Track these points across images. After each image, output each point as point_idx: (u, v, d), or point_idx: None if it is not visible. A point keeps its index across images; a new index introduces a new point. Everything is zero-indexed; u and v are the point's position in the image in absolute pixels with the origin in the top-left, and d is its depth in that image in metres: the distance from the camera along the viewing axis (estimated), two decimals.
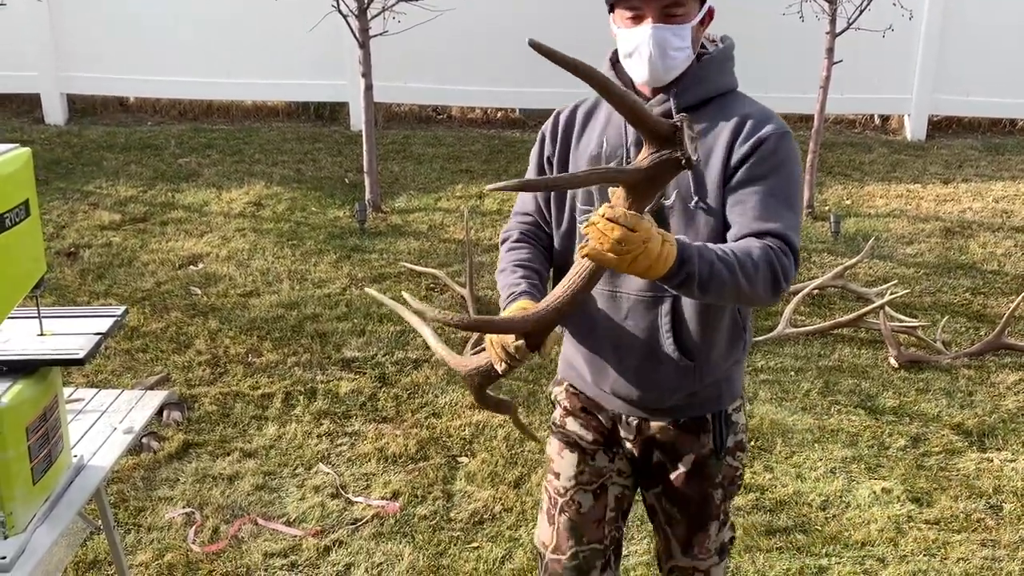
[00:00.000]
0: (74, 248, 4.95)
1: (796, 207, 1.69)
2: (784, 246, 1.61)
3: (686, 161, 1.32)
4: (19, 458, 1.68)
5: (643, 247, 1.38)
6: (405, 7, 5.44)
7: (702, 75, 1.75)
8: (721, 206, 1.69)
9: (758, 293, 1.57)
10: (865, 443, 3.52)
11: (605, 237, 1.36)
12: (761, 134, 1.68)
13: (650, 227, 1.39)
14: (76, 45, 6.91)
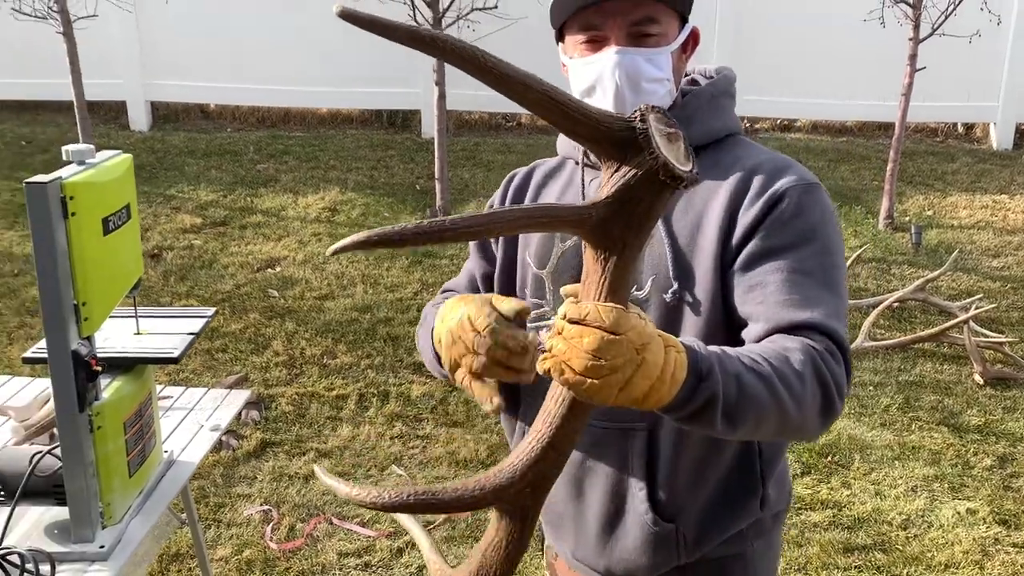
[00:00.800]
0: (158, 250, 5.12)
1: (839, 286, 1.18)
2: (831, 344, 1.11)
3: (664, 169, 0.81)
4: (117, 451, 1.74)
5: (637, 360, 0.85)
6: (479, 16, 5.49)
7: (688, 115, 1.27)
8: (719, 298, 1.20)
9: (807, 418, 1.06)
10: (948, 462, 3.41)
11: (574, 351, 0.85)
12: (777, 188, 1.19)
13: (644, 324, 0.87)
14: (161, 54, 7.16)
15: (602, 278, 0.86)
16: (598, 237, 0.85)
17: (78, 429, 1.65)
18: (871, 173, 6.43)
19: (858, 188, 6.21)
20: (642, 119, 0.81)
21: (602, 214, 0.83)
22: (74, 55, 5.36)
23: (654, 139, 0.81)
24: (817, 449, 3.44)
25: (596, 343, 0.84)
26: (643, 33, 1.22)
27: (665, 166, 0.80)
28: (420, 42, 0.75)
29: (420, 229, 0.76)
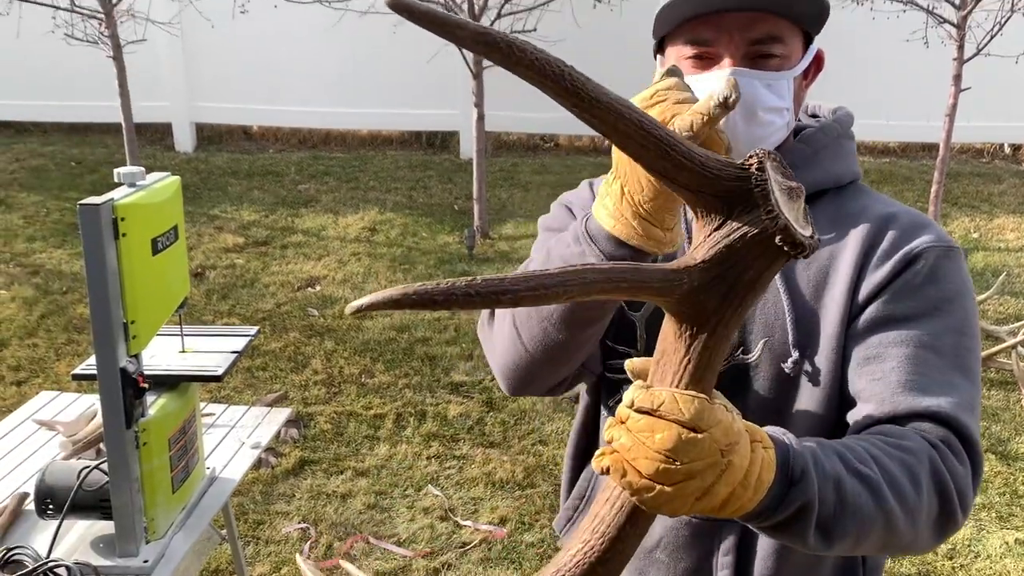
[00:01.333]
0: (201, 269, 5.20)
1: (973, 372, 1.00)
2: (956, 443, 0.93)
3: (783, 233, 0.65)
4: (161, 467, 1.77)
5: (721, 465, 0.71)
6: (518, 38, 5.54)
7: (809, 155, 1.11)
8: (842, 369, 1.03)
9: (919, 534, 0.89)
10: (996, 490, 3.32)
11: (642, 449, 0.70)
12: (913, 247, 1.03)
13: (731, 420, 0.73)
14: (205, 77, 7.32)
15: (685, 359, 0.71)
16: (687, 309, 0.68)
17: (125, 445, 1.68)
18: (915, 194, 6.34)
19: None
20: (759, 167, 0.66)
21: (696, 281, 0.67)
22: (123, 79, 5.51)
23: (773, 194, 0.65)
24: None
25: (672, 441, 0.69)
26: (763, 53, 1.03)
27: (785, 229, 0.65)
28: (489, 46, 0.59)
29: (472, 289, 0.60)
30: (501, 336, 1.10)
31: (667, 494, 0.70)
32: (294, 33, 6.95)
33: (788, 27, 1.05)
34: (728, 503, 0.74)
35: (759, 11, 1.02)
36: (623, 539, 0.72)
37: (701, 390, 0.72)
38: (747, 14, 1.03)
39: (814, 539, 0.83)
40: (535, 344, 1.05)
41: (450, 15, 0.59)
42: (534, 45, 0.61)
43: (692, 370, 0.71)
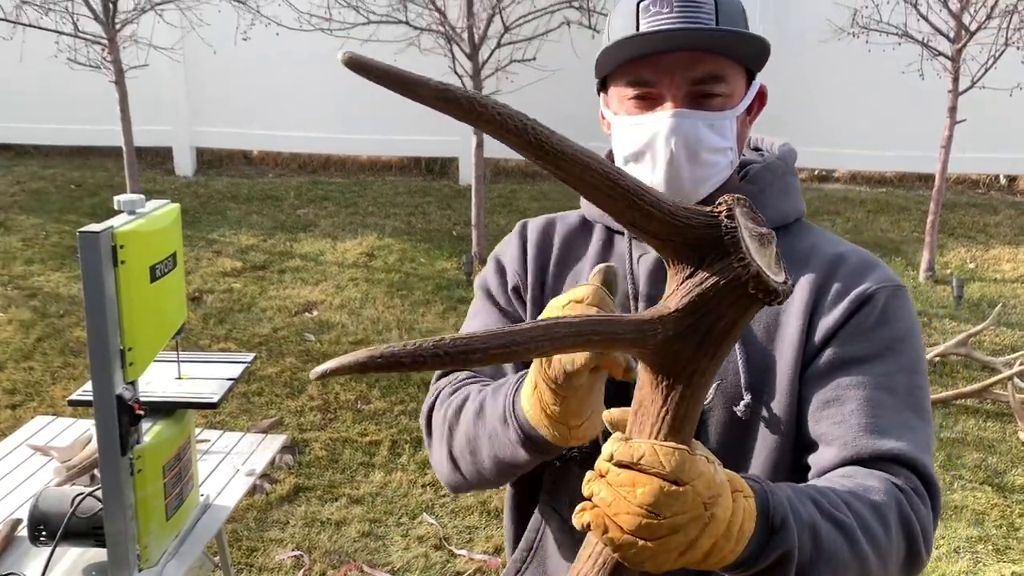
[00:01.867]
0: (198, 293, 5.21)
1: (927, 411, 1.02)
2: (918, 484, 0.96)
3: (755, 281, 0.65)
4: (155, 495, 1.77)
5: (704, 518, 0.71)
6: (517, 67, 5.59)
7: (755, 194, 1.10)
8: (797, 411, 1.02)
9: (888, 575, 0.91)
10: (992, 523, 3.31)
11: (623, 504, 0.69)
12: (865, 288, 1.04)
13: (713, 471, 0.72)
14: (207, 102, 7.37)
15: (663, 410, 0.69)
16: (662, 359, 0.68)
17: (119, 472, 1.68)
18: (911, 224, 6.37)
19: (898, 240, 6.15)
20: (729, 214, 0.65)
21: (670, 331, 0.66)
22: (125, 103, 5.54)
23: (744, 241, 0.65)
24: None
25: (653, 495, 0.68)
26: (705, 93, 1.04)
27: (757, 276, 0.64)
28: (450, 103, 0.60)
29: (440, 349, 0.58)
30: (439, 455, 1.12)
31: (650, 549, 0.69)
32: (295, 59, 7.00)
33: (730, 66, 1.06)
34: (711, 555, 0.72)
35: (700, 51, 1.03)
36: None
37: (681, 441, 0.70)
38: (688, 54, 1.03)
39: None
40: (471, 476, 1.08)
41: (408, 73, 0.58)
42: (495, 100, 0.61)
43: (671, 421, 0.70)
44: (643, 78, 1.05)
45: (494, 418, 1.01)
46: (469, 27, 5.39)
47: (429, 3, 5.43)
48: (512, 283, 1.19)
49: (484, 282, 1.22)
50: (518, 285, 1.18)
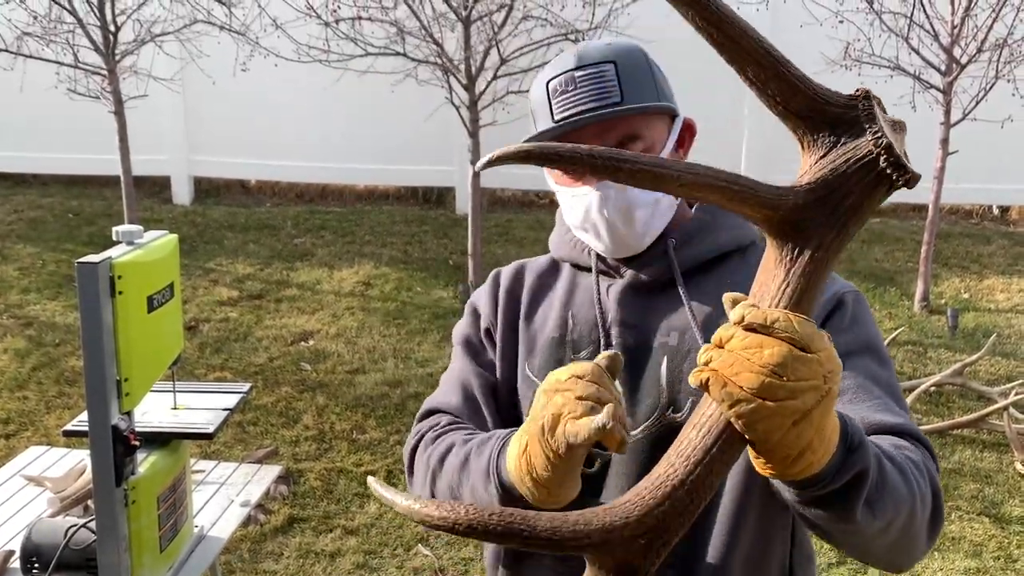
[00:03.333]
0: (194, 322, 5.21)
1: (904, 402, 1.10)
2: (927, 453, 1.01)
3: (888, 153, 0.67)
4: (150, 526, 1.76)
5: (823, 390, 0.70)
6: (513, 98, 5.64)
7: (709, 221, 1.18)
8: None
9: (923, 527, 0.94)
10: (990, 554, 3.30)
11: (746, 364, 0.69)
12: (835, 292, 1.12)
13: (833, 349, 0.72)
14: (205, 132, 7.41)
15: (784, 283, 0.69)
16: (789, 230, 0.69)
17: (114, 503, 1.68)
18: (905, 255, 6.41)
19: (892, 270, 6.18)
20: (866, 96, 0.70)
21: (800, 201, 0.68)
22: (124, 133, 5.58)
23: (879, 119, 0.68)
24: None
25: (781, 356, 0.68)
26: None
27: (889, 148, 0.67)
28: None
29: (595, 154, 0.63)
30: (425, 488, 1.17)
31: (768, 409, 0.68)
32: (294, 90, 7.06)
33: (643, 119, 1.13)
34: (804, 455, 0.73)
35: (607, 120, 1.10)
36: (708, 463, 0.69)
37: (803, 315, 0.71)
38: (598, 125, 1.11)
39: (861, 514, 0.84)
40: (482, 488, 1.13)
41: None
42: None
43: (791, 294, 0.70)
44: None
45: (477, 472, 1.06)
46: (466, 59, 5.45)
47: (427, 36, 5.49)
48: (484, 326, 1.26)
49: (461, 331, 1.29)
50: (489, 327, 1.26)
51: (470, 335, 1.27)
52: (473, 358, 1.26)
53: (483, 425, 1.20)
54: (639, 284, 1.17)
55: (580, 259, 1.24)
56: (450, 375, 1.27)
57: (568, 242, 1.25)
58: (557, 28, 5.67)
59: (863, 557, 0.98)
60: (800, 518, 0.91)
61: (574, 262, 1.26)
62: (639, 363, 1.13)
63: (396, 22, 5.61)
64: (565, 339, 1.18)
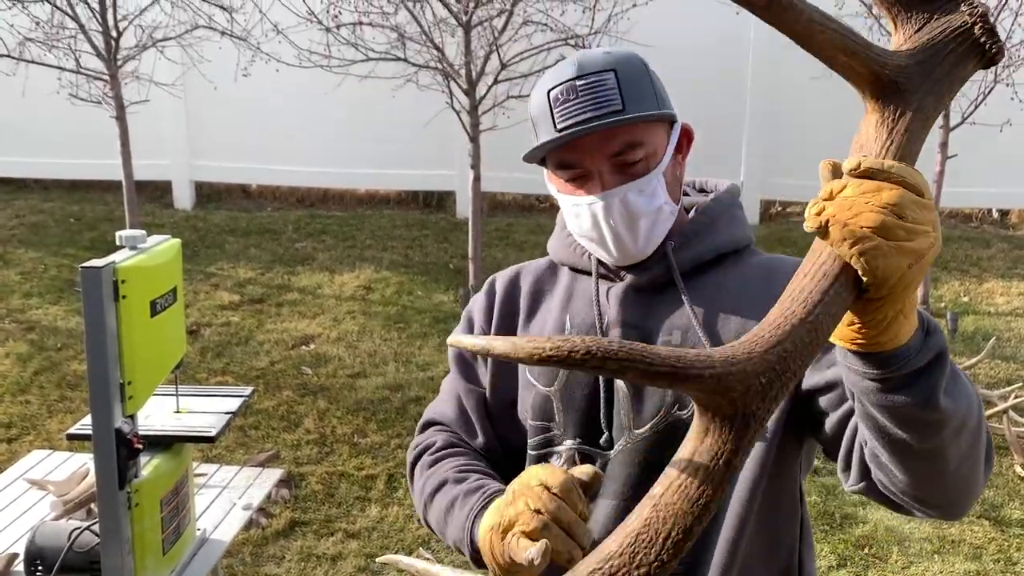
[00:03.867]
0: (196, 327, 5.22)
1: None
2: None
3: (983, 21, 0.71)
4: (153, 529, 1.77)
5: (932, 238, 0.73)
6: (514, 103, 5.66)
7: (707, 223, 1.21)
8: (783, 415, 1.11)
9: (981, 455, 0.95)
10: (990, 556, 3.30)
11: (865, 206, 0.70)
12: None
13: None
14: (206, 137, 7.44)
15: (887, 141, 0.72)
16: (892, 91, 0.71)
17: (117, 506, 1.69)
18: None
19: None
20: None
21: (903, 63, 0.71)
22: (125, 138, 5.60)
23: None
24: (853, 541, 3.36)
25: (899, 198, 0.70)
26: (627, 161, 1.13)
27: (984, 16, 0.71)
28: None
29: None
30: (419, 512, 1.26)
31: (888, 247, 0.69)
32: (295, 95, 7.08)
33: (644, 127, 1.14)
34: (899, 318, 0.75)
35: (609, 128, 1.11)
36: (826, 302, 0.69)
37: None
38: (601, 134, 1.12)
39: (943, 396, 0.84)
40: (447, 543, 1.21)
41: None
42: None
43: (894, 151, 0.72)
44: (567, 161, 1.15)
45: (456, 526, 1.14)
46: (467, 64, 5.46)
47: (427, 41, 5.51)
48: (478, 333, 1.28)
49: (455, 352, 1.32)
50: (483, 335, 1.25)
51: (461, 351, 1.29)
52: (464, 374, 1.30)
53: (471, 437, 1.28)
54: (640, 285, 1.19)
55: (579, 263, 1.26)
56: (447, 385, 1.34)
57: (567, 246, 1.27)
58: (557, 33, 5.69)
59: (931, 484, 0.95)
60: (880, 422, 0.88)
61: (573, 266, 1.27)
62: None
63: (397, 27, 5.63)
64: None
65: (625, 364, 0.60)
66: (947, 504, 0.98)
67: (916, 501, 0.97)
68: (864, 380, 0.84)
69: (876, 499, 1.04)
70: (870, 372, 0.83)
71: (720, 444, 0.64)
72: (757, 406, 0.65)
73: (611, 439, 1.15)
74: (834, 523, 3.48)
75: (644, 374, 0.61)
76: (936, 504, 0.98)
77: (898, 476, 0.94)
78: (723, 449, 0.64)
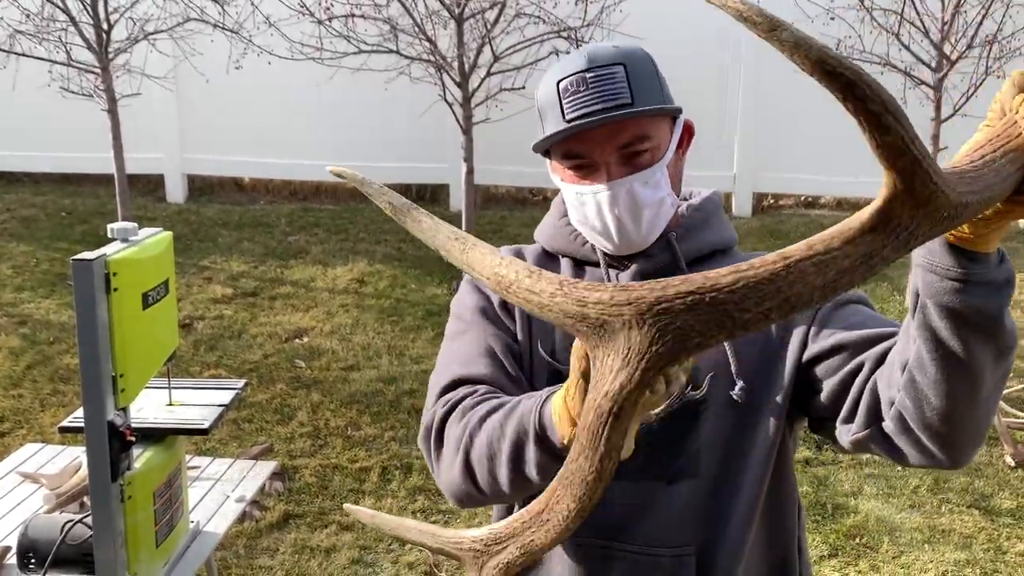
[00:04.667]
0: (189, 320, 5.21)
1: None
2: None
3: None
4: (146, 521, 1.78)
5: None
6: (507, 95, 5.66)
7: (702, 220, 1.25)
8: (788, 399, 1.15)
9: (1000, 393, 1.02)
10: (980, 546, 3.33)
11: None
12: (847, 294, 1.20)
13: None
14: (198, 130, 7.41)
15: None
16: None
17: (110, 499, 1.69)
18: None
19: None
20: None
21: None
22: (117, 132, 5.58)
23: None
24: (844, 531, 3.39)
25: None
26: (635, 151, 1.15)
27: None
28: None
29: None
30: (450, 468, 1.13)
31: None
32: (287, 88, 7.06)
33: (650, 121, 1.16)
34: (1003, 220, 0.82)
35: (618, 121, 1.13)
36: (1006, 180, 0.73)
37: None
38: (610, 127, 1.14)
39: (1008, 321, 0.90)
40: (485, 484, 1.10)
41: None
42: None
43: None
44: (574, 151, 1.16)
45: (524, 412, 1.04)
46: (459, 56, 5.46)
47: (420, 33, 5.50)
48: (497, 300, 1.23)
49: (469, 303, 1.24)
50: (500, 303, 1.23)
51: (484, 306, 1.23)
52: (494, 324, 1.22)
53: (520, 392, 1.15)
54: (646, 272, 1.20)
55: (580, 253, 1.25)
56: (465, 346, 1.21)
57: (567, 236, 1.26)
58: (550, 25, 5.68)
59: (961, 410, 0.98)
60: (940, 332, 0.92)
61: (574, 256, 1.27)
62: None
63: (389, 20, 5.62)
64: None
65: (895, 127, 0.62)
66: (961, 440, 1.00)
67: (936, 434, 0.99)
68: (945, 280, 0.88)
69: (878, 446, 1.06)
70: (957, 270, 0.87)
71: (879, 245, 0.65)
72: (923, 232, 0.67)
73: None
74: (825, 513, 3.50)
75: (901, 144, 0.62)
76: (950, 439, 1.00)
77: (932, 399, 0.96)
78: (879, 253, 0.65)
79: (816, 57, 0.59)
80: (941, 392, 0.95)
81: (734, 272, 0.63)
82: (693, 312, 0.62)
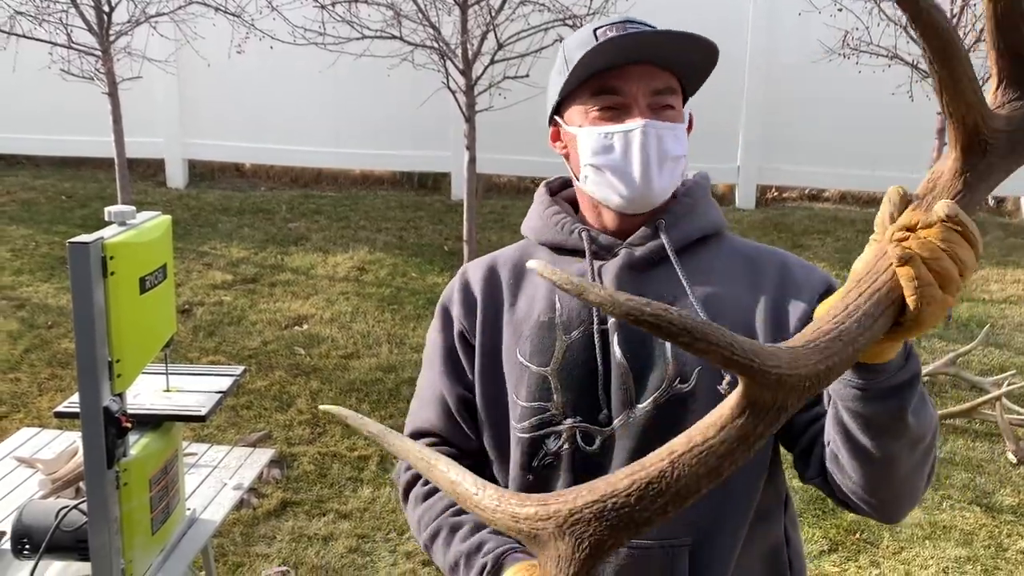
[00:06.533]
0: (188, 306, 5.19)
1: None
2: None
3: None
4: (141, 508, 1.75)
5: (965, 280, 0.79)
6: (511, 83, 5.61)
7: (692, 205, 1.23)
8: None
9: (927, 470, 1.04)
10: (981, 543, 3.31)
11: (944, 255, 0.75)
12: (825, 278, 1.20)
13: None
14: (199, 115, 7.37)
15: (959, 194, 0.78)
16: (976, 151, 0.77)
17: (105, 485, 1.67)
18: None
19: None
20: None
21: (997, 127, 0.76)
22: (117, 115, 5.54)
23: None
24: (845, 526, 3.37)
25: (973, 261, 0.77)
26: (663, 104, 1.16)
27: None
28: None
29: None
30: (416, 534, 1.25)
31: (940, 296, 0.76)
32: (289, 74, 7.02)
33: (677, 85, 1.19)
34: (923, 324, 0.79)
35: (656, 68, 1.15)
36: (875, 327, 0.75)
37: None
38: (648, 68, 1.15)
39: (911, 414, 0.92)
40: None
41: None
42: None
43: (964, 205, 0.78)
44: (610, 86, 1.16)
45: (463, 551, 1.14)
46: (463, 43, 5.41)
47: (423, 19, 5.45)
48: (458, 329, 1.25)
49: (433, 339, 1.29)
50: (463, 331, 1.25)
51: (441, 344, 1.26)
52: (447, 370, 1.25)
53: (466, 441, 1.24)
54: (633, 262, 1.19)
55: (568, 241, 1.23)
56: (427, 387, 1.29)
57: (553, 225, 1.24)
58: (555, 13, 5.63)
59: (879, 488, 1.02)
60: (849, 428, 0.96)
61: (559, 245, 1.24)
62: (643, 337, 1.14)
63: (392, 5, 5.57)
64: (555, 322, 1.18)
65: (712, 348, 0.64)
66: (888, 507, 1.07)
67: (862, 501, 1.05)
68: (848, 387, 0.92)
69: (826, 493, 1.11)
70: (856, 381, 0.91)
71: (751, 428, 0.69)
72: (792, 404, 0.70)
73: (610, 415, 1.15)
74: (826, 508, 3.48)
75: (723, 358, 0.65)
76: (878, 506, 1.06)
77: (852, 477, 1.02)
78: (753, 433, 0.69)
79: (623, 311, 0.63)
80: (859, 473, 1.01)
81: (629, 476, 0.68)
82: (600, 520, 0.68)
